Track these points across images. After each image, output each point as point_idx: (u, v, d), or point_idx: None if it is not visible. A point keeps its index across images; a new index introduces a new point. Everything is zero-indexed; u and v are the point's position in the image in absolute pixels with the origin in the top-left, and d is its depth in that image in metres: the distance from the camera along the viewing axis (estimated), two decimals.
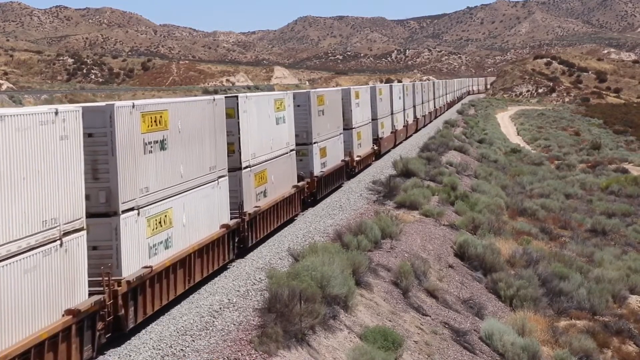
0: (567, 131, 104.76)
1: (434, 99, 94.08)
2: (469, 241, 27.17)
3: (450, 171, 42.95)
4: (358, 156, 40.53)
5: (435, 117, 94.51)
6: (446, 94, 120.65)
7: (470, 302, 22.56)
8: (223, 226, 20.57)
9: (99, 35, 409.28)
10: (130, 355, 14.39)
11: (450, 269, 25.37)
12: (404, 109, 62.13)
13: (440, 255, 26.00)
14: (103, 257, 15.18)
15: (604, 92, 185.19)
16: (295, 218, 28.52)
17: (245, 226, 22.29)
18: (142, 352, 14.48)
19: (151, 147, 17.08)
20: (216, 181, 20.56)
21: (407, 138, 63.41)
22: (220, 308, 16.85)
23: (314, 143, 30.79)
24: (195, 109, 19.50)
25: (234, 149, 22.39)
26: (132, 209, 16.04)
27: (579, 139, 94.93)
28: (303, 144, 30.20)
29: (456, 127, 78.16)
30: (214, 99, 20.96)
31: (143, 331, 15.83)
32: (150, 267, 16.29)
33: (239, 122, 22.81)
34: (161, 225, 17.30)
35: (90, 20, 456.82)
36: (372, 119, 46.15)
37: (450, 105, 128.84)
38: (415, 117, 69.84)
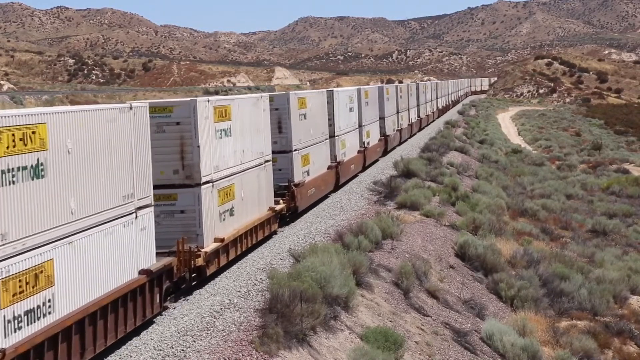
0: (568, 132, 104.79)
1: (418, 105, 72.86)
2: (470, 242, 27.18)
3: (451, 172, 42.96)
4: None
5: (419, 129, 73.83)
6: (436, 99, 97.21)
7: (471, 303, 22.56)
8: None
9: (99, 36, 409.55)
10: (131, 356, 14.40)
11: (451, 269, 25.38)
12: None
13: (441, 255, 26.01)
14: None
15: (604, 93, 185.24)
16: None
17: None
18: (142, 352, 14.50)
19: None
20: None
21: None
22: (221, 308, 16.86)
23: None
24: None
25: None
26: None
27: (580, 139, 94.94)
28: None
29: (457, 128, 78.19)
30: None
31: (144, 332, 15.84)
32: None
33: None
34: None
35: (91, 21, 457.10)
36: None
37: (443, 111, 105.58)
38: (384, 133, 50.41)
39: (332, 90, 35.45)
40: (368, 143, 43.34)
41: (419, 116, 72.83)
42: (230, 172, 21.43)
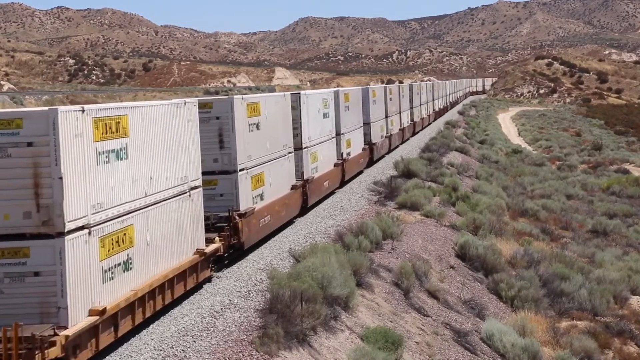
0: (568, 132, 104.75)
1: (411, 108, 66.48)
2: (470, 242, 27.18)
3: (451, 172, 42.96)
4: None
5: (413, 134, 67.17)
6: (432, 100, 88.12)
7: (472, 303, 22.57)
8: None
9: (100, 36, 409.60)
10: (131, 356, 14.40)
11: (452, 269, 25.38)
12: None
13: (441, 256, 26.02)
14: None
15: (605, 93, 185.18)
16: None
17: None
18: (143, 352, 14.50)
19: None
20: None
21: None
22: (221, 309, 16.86)
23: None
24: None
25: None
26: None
27: (580, 139, 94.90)
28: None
29: (457, 128, 78.19)
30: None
31: (144, 332, 15.84)
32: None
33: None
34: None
35: (91, 21, 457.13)
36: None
37: (440, 113, 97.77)
38: (369, 141, 44.24)
39: (299, 94, 29.63)
40: (348, 154, 37.04)
41: (412, 120, 66.74)
42: (125, 210, 15.41)
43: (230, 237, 20.91)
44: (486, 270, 26.14)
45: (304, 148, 29.35)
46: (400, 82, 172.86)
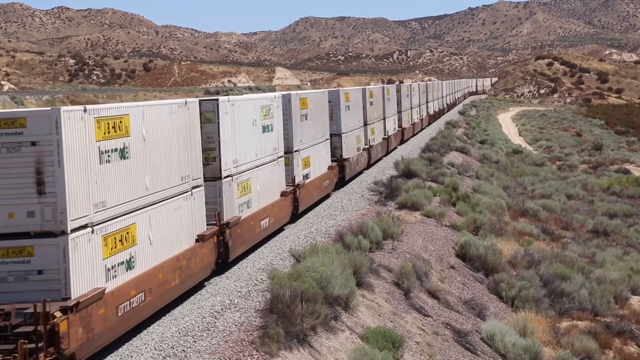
0: (568, 132, 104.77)
1: (400, 112, 57.78)
2: (471, 242, 27.18)
3: (451, 172, 42.96)
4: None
5: (401, 141, 58.68)
6: (426, 103, 79.83)
7: (472, 303, 22.56)
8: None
9: (100, 36, 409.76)
10: (131, 356, 14.39)
11: (452, 269, 25.37)
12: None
13: (441, 256, 26.01)
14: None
15: (605, 93, 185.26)
16: None
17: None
18: (143, 352, 14.50)
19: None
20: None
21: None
22: (221, 309, 16.86)
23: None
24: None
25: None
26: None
27: (581, 139, 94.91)
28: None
29: (458, 128, 78.20)
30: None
31: (144, 332, 15.84)
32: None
33: None
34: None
35: (92, 21, 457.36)
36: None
37: (435, 117, 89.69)
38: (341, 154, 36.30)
39: (217, 100, 20.65)
40: (306, 176, 29.27)
41: (400, 126, 57.73)
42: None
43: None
44: (486, 270, 26.13)
45: (225, 178, 20.63)
46: (401, 82, 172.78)
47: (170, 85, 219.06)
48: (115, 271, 14.64)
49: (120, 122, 15.15)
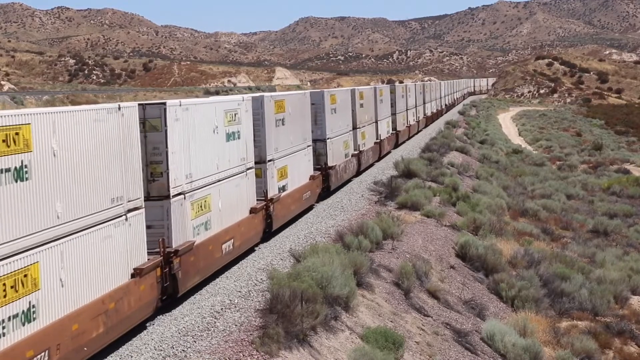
0: (568, 132, 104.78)
1: (393, 114, 55.00)
2: (471, 242, 27.17)
3: (451, 172, 42.95)
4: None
5: (395, 145, 55.57)
6: (423, 104, 76.18)
7: (472, 303, 22.56)
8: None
9: (100, 36, 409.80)
10: (131, 356, 14.40)
11: (452, 269, 25.37)
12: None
13: (441, 256, 26.01)
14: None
15: (605, 93, 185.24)
16: None
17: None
18: (143, 352, 14.50)
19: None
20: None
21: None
22: (221, 309, 16.86)
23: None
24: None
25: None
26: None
27: (581, 139, 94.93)
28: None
29: (458, 128, 78.20)
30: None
31: (144, 332, 15.85)
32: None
33: None
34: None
35: (91, 21, 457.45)
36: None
37: (432, 118, 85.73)
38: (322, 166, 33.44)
39: (165, 104, 17.59)
40: (283, 188, 26.54)
41: (395, 129, 55.37)
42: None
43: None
44: (486, 270, 26.13)
45: (175, 196, 17.69)
46: (401, 82, 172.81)
47: (170, 86, 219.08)
48: (3, 328, 11.46)
49: (17, 134, 11.90)
